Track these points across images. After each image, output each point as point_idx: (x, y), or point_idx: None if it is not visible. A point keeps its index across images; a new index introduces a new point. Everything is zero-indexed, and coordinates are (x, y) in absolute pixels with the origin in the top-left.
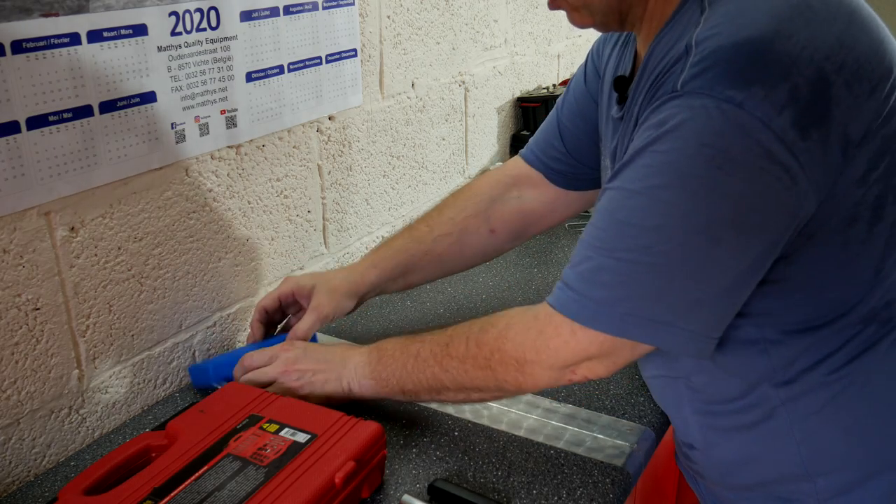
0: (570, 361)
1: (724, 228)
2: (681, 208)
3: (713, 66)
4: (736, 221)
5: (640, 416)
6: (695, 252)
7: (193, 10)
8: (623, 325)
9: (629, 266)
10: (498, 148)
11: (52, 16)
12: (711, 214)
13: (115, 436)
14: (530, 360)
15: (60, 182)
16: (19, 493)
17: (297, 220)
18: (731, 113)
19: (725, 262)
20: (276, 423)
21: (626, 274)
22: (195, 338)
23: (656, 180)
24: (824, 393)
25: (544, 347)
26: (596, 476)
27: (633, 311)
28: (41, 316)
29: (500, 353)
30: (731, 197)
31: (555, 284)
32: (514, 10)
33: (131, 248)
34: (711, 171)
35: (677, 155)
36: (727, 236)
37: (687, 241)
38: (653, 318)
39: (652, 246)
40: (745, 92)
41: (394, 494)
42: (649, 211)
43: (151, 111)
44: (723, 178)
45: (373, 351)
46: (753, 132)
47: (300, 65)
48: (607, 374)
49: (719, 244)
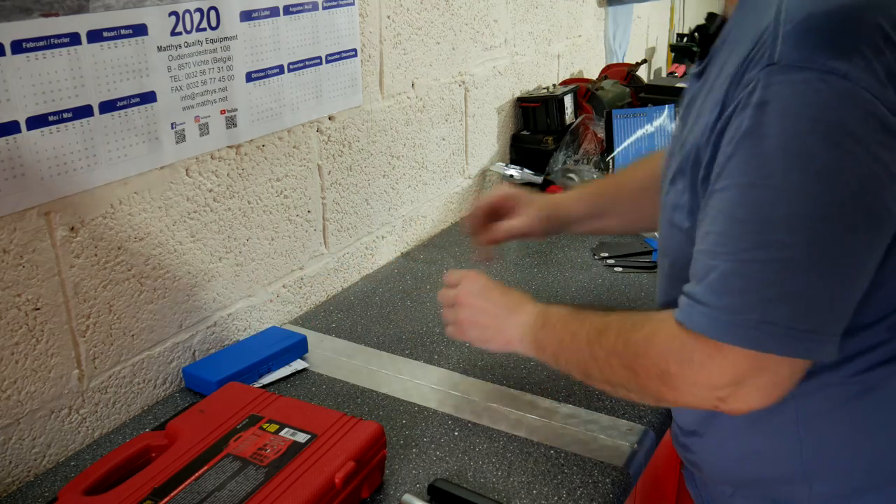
0: (715, 382)
1: (857, 212)
2: (806, 194)
3: (807, 34)
4: (866, 202)
5: (640, 416)
6: (829, 243)
7: (193, 10)
8: (760, 335)
9: (759, 266)
10: (498, 148)
11: (52, 16)
12: (840, 198)
13: (115, 436)
14: (674, 372)
15: (60, 182)
16: (19, 493)
17: (297, 220)
18: (837, 85)
19: (861, 252)
20: (276, 423)
21: (757, 276)
22: (195, 338)
23: (773, 167)
24: (838, 394)
25: (689, 361)
26: (596, 476)
27: (769, 318)
28: (41, 316)
29: (644, 357)
30: (858, 175)
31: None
32: (514, 10)
33: (131, 248)
34: (830, 148)
35: (789, 136)
36: (860, 220)
37: (818, 232)
38: (791, 324)
39: (781, 240)
40: (846, 62)
41: (394, 494)
42: (771, 202)
43: (151, 111)
44: (844, 155)
45: (539, 315)
46: (864, 104)
47: (300, 65)
48: (766, 402)
49: (853, 231)
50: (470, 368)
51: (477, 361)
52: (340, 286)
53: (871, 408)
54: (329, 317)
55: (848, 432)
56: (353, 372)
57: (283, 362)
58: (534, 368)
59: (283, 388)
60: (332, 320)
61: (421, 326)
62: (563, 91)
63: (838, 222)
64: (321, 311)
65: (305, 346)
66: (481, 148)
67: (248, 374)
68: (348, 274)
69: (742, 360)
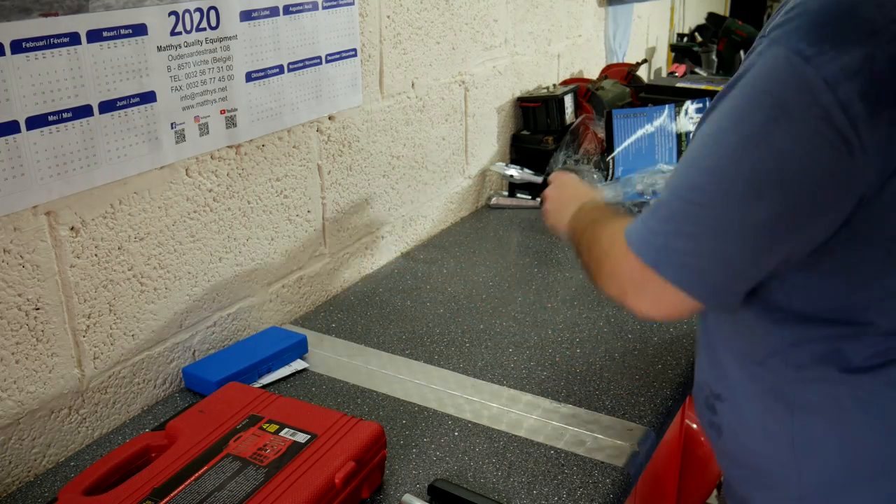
0: (621, 277)
1: (768, 183)
2: (732, 154)
3: (797, 17)
4: (780, 179)
5: (641, 416)
6: (735, 202)
7: (193, 10)
8: (657, 255)
9: (680, 203)
10: (498, 148)
11: (52, 16)
12: (757, 166)
13: (115, 436)
14: (602, 261)
15: (60, 182)
16: (19, 493)
17: (297, 220)
18: (797, 65)
19: (762, 220)
20: (276, 424)
21: (676, 210)
22: (195, 338)
23: (722, 124)
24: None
25: (611, 256)
26: (596, 476)
27: (669, 245)
28: (41, 316)
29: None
30: (780, 152)
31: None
32: (514, 10)
33: (131, 248)
34: (767, 120)
35: (742, 100)
36: (769, 192)
37: (731, 189)
38: (683, 259)
39: (702, 187)
40: (816, 48)
41: (394, 494)
42: (708, 153)
43: (151, 111)
44: (775, 129)
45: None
46: (816, 90)
47: (300, 65)
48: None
49: (760, 198)
50: (470, 368)
51: (477, 361)
52: (340, 286)
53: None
54: (329, 317)
55: (836, 425)
56: (353, 372)
57: (283, 362)
58: (534, 368)
59: (283, 388)
60: (332, 320)
61: (421, 326)
62: (563, 91)
63: (749, 187)
64: (321, 311)
65: (305, 346)
66: (481, 148)
67: (248, 374)
68: (348, 274)
69: (639, 269)
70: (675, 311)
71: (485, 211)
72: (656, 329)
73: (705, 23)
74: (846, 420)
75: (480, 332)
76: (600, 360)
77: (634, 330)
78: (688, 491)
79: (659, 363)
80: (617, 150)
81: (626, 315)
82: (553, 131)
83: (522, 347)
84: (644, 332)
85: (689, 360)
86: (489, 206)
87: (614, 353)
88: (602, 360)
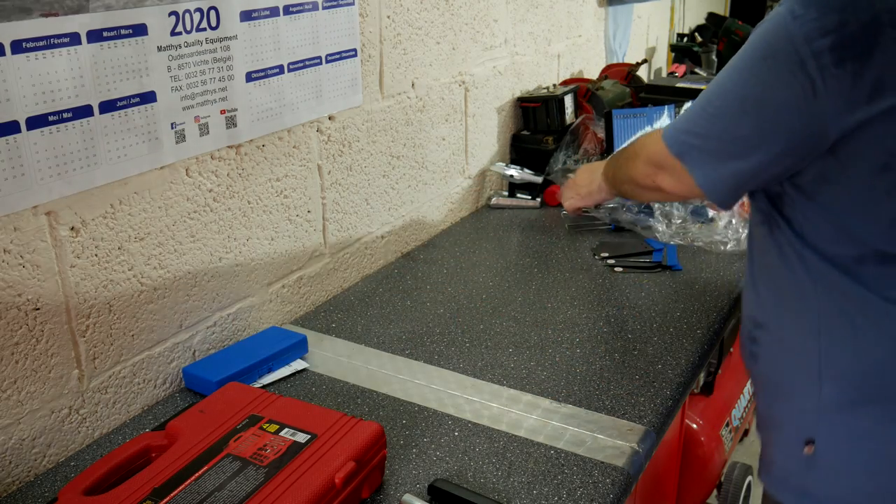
0: (654, 162)
1: (751, 105)
2: (732, 79)
3: None
4: (760, 103)
5: (641, 416)
6: (729, 115)
7: (193, 10)
8: (679, 147)
9: (697, 111)
10: (498, 148)
11: (52, 16)
12: (746, 90)
13: (115, 436)
14: (638, 152)
15: (60, 182)
16: (19, 493)
17: (297, 220)
18: (789, 22)
19: (744, 133)
20: (276, 424)
21: (695, 115)
22: (195, 338)
23: (735, 59)
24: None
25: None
26: (596, 476)
27: (686, 141)
28: (41, 316)
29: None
30: (763, 83)
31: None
32: (514, 10)
33: (131, 248)
34: (759, 59)
35: (751, 44)
36: (752, 112)
37: (727, 105)
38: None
39: (712, 100)
40: (805, 10)
41: (394, 494)
42: (722, 76)
43: (151, 111)
44: (763, 66)
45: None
46: (796, 42)
47: (300, 65)
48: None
49: (745, 115)
50: (470, 368)
51: (477, 362)
52: (340, 286)
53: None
54: (329, 317)
55: (859, 342)
56: (353, 372)
57: (283, 362)
58: (534, 368)
59: (283, 388)
60: (332, 320)
61: (421, 326)
62: (563, 91)
63: (739, 104)
64: (321, 311)
65: (305, 346)
66: (481, 148)
67: (248, 374)
68: (348, 274)
69: (666, 154)
70: (689, 192)
71: (485, 211)
72: (656, 329)
73: (705, 23)
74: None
75: (480, 332)
76: (600, 360)
77: (634, 330)
78: (688, 491)
79: (659, 363)
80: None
81: (626, 315)
82: (553, 131)
83: (522, 347)
84: (644, 332)
85: (689, 359)
86: (489, 206)
87: (614, 353)
88: (602, 360)
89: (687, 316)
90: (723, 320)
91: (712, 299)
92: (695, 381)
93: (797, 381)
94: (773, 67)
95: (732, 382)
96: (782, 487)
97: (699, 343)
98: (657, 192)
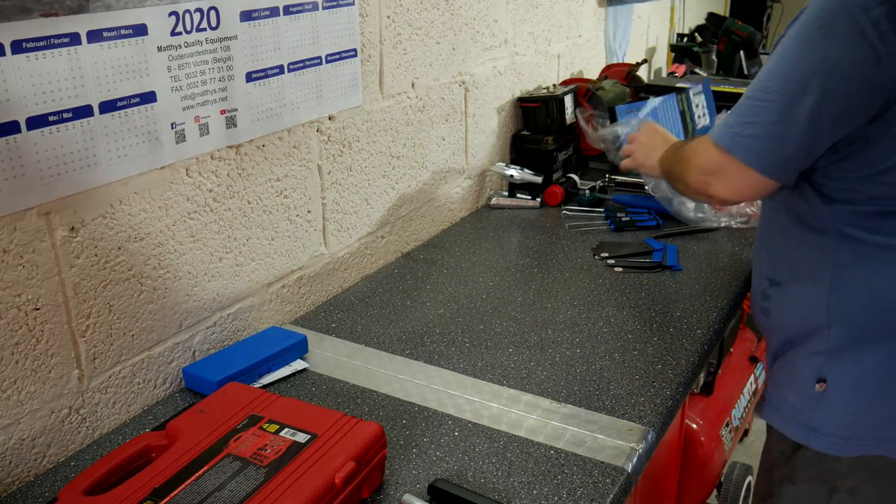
0: (703, 168)
1: (813, 80)
2: (790, 60)
3: None
4: (823, 78)
5: (640, 416)
6: (790, 96)
7: (193, 10)
8: (732, 141)
9: (750, 101)
10: (498, 148)
11: (52, 16)
12: (806, 67)
13: (115, 436)
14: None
15: (60, 182)
16: (19, 493)
17: (297, 220)
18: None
19: (809, 110)
20: (276, 424)
21: (747, 107)
22: (195, 338)
23: (787, 41)
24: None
25: (697, 152)
26: (596, 476)
27: (741, 133)
28: (41, 316)
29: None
30: (824, 58)
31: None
32: (514, 10)
33: (131, 248)
34: (815, 33)
35: (803, 23)
36: (814, 89)
37: (787, 86)
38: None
39: (768, 86)
40: None
41: (394, 494)
42: (775, 61)
43: (151, 111)
44: (821, 39)
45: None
46: (853, 12)
47: (300, 65)
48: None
49: (806, 94)
50: (470, 368)
51: (477, 362)
52: (340, 286)
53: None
54: (329, 317)
55: (872, 287)
56: (353, 372)
57: (283, 362)
58: (534, 368)
59: (283, 388)
60: (332, 320)
61: (421, 326)
62: (563, 91)
63: (800, 85)
64: (321, 311)
65: (305, 346)
66: (481, 148)
67: (248, 374)
68: (348, 274)
69: (719, 155)
70: (747, 191)
71: (485, 211)
72: (656, 329)
73: (705, 23)
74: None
75: (480, 332)
76: (600, 360)
77: (634, 330)
78: (688, 491)
79: (659, 363)
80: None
81: (626, 315)
82: (553, 131)
83: (522, 347)
84: (644, 332)
85: (689, 359)
86: (489, 206)
87: (614, 353)
88: (602, 360)
89: (687, 316)
90: (723, 320)
91: (712, 299)
92: (695, 381)
93: (808, 328)
94: (834, 41)
95: (732, 382)
96: (793, 423)
97: (699, 343)
98: (709, 199)
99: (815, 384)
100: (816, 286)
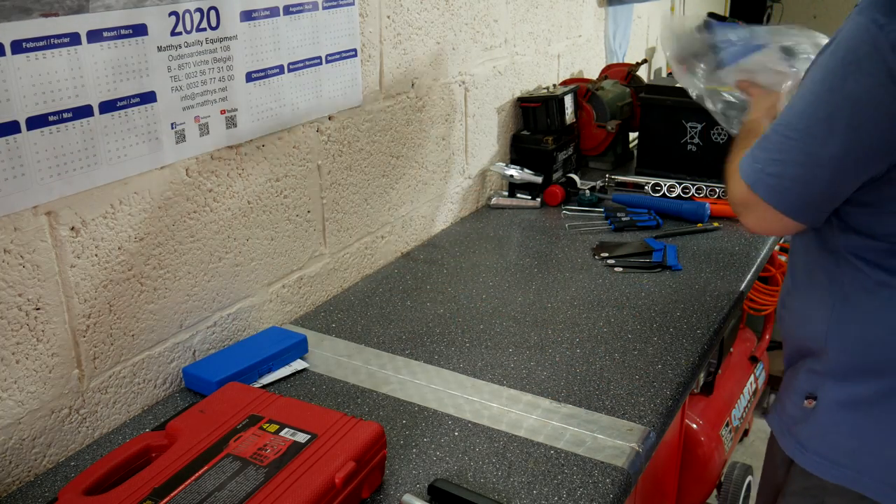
0: (735, 200)
1: (839, 122)
2: (817, 97)
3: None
4: (850, 119)
5: (640, 416)
6: (815, 137)
7: (193, 10)
8: (756, 178)
9: (776, 137)
10: (498, 148)
11: (52, 16)
12: (833, 109)
13: (115, 436)
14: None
15: (60, 182)
16: (19, 493)
17: (297, 220)
18: (872, 31)
19: (835, 152)
20: (276, 424)
21: (773, 143)
22: (195, 338)
23: (815, 75)
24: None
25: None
26: (596, 476)
27: (765, 170)
28: (41, 316)
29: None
30: (851, 99)
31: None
32: (514, 10)
33: (131, 248)
34: (845, 74)
35: (830, 58)
36: (840, 131)
37: (812, 126)
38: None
39: (793, 125)
40: (888, 18)
41: (394, 494)
42: (801, 97)
43: (151, 111)
44: (850, 81)
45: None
46: (883, 50)
47: (300, 65)
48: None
49: (832, 135)
50: (470, 368)
51: (477, 362)
52: (340, 286)
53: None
54: (329, 317)
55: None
56: (353, 372)
57: (283, 362)
58: (534, 368)
59: (283, 388)
60: (332, 320)
61: (421, 326)
62: (563, 91)
63: (826, 126)
64: (321, 311)
65: (305, 346)
66: (481, 148)
67: (248, 374)
68: (348, 274)
69: (745, 191)
70: (773, 227)
71: (485, 211)
72: (656, 329)
73: None
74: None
75: (480, 332)
76: (600, 360)
77: (634, 330)
78: (688, 491)
79: (659, 363)
80: None
81: (626, 315)
82: (553, 131)
83: (522, 347)
84: (644, 332)
85: (689, 359)
86: (489, 206)
87: (614, 353)
88: (602, 360)
89: (687, 316)
90: (723, 320)
91: (712, 299)
92: (695, 381)
93: (810, 347)
94: (861, 81)
95: (732, 382)
96: (786, 432)
97: (699, 343)
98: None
99: (806, 399)
100: (821, 307)
